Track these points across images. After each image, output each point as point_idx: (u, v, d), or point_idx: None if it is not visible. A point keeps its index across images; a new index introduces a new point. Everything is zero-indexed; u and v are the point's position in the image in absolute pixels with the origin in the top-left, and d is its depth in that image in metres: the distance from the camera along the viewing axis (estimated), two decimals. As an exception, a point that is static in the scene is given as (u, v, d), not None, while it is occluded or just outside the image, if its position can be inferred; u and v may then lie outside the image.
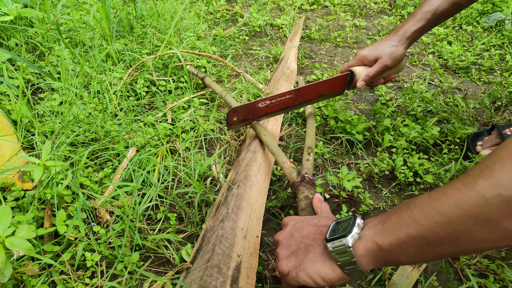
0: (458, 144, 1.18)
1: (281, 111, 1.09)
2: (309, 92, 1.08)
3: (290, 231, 0.66)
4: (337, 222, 0.60)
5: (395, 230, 0.50)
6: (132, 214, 0.83)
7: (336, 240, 0.55)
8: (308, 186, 0.84)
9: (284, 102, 1.06)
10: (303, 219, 0.68)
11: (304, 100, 1.09)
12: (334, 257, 0.55)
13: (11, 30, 1.45)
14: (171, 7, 1.86)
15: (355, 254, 0.53)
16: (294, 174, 0.88)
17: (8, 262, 0.64)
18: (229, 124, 1.03)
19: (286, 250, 0.63)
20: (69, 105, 1.14)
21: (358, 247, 0.53)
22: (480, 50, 1.81)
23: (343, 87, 1.11)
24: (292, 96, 1.05)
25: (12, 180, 0.87)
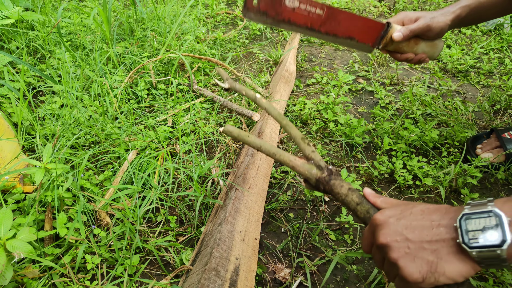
0: (457, 147, 1.19)
1: (305, 29, 0.94)
2: (340, 21, 0.94)
3: (397, 230, 0.55)
4: (467, 217, 0.50)
5: None
6: (133, 217, 0.83)
7: (485, 249, 0.48)
8: (340, 178, 0.72)
9: (311, 18, 0.92)
10: (401, 211, 0.57)
11: (332, 30, 0.95)
12: (478, 261, 0.49)
13: (12, 33, 1.46)
14: (171, 10, 1.87)
15: (507, 258, 0.47)
16: (315, 170, 0.75)
17: (9, 264, 0.64)
18: (246, 8, 0.88)
19: (406, 254, 0.53)
20: (70, 108, 1.15)
21: (510, 251, 0.47)
22: (479, 54, 1.82)
23: (375, 38, 0.98)
24: (323, 14, 0.92)
25: (13, 183, 0.87)
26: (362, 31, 0.97)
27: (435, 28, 0.96)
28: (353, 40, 0.98)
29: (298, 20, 0.92)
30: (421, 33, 0.97)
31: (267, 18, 0.90)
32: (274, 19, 0.91)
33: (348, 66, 1.71)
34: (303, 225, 0.92)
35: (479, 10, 0.99)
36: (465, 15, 0.99)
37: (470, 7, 0.98)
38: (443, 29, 0.97)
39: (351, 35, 0.97)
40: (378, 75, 1.62)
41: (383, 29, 0.97)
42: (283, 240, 0.89)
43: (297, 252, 0.86)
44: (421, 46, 1.00)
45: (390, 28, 0.96)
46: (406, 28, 0.95)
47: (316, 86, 1.53)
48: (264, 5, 0.88)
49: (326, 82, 1.54)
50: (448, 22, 0.97)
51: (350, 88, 1.52)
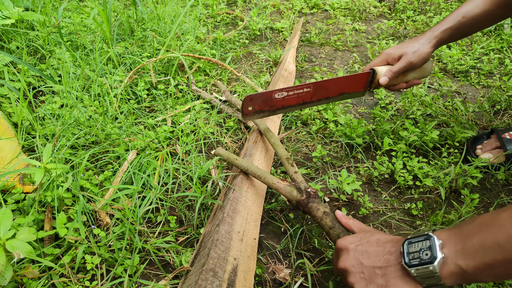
0: (457, 147, 1.19)
1: (298, 105, 1.03)
2: (328, 88, 1.02)
3: (355, 256, 0.63)
4: (410, 242, 0.59)
5: (479, 254, 0.51)
6: (132, 217, 0.83)
7: (420, 266, 0.55)
8: (318, 200, 0.80)
9: (302, 96, 1.01)
10: (360, 239, 0.66)
11: (323, 96, 1.04)
12: (419, 281, 0.56)
13: (13, 33, 1.46)
14: (172, 10, 1.87)
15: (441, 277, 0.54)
16: (295, 193, 0.83)
17: (8, 264, 0.64)
18: (244, 114, 0.98)
19: (361, 278, 0.61)
20: (70, 108, 1.15)
21: (441, 271, 0.54)
22: (479, 54, 1.82)
23: (364, 86, 1.06)
24: (311, 90, 1.00)
25: (13, 183, 0.87)
26: (350, 86, 1.06)
27: (418, 61, 1.01)
28: (345, 94, 1.08)
29: (291, 103, 1.02)
30: (404, 70, 1.02)
31: (264, 113, 1.01)
32: (270, 111, 1.01)
33: (348, 66, 1.71)
34: (303, 226, 0.92)
35: (461, 29, 1.02)
36: (448, 37, 1.02)
37: (452, 29, 1.01)
38: (426, 58, 1.02)
39: (341, 92, 1.07)
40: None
41: (369, 77, 1.05)
42: (283, 240, 0.89)
43: (298, 252, 0.86)
44: (410, 75, 1.06)
45: (376, 74, 1.03)
46: (390, 71, 1.01)
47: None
48: (259, 106, 0.99)
49: (326, 82, 1.54)
50: (430, 50, 1.01)
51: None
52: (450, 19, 1.01)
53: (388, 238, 0.64)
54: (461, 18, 1.00)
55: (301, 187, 0.83)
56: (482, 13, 0.99)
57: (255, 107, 0.98)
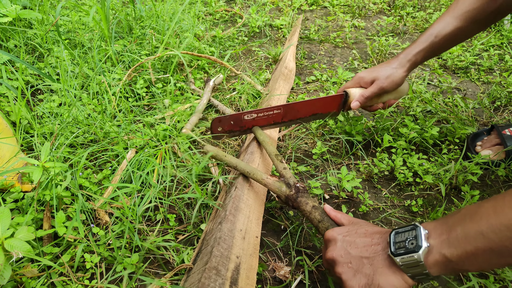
0: (457, 144, 1.18)
1: (269, 125, 1.06)
2: (299, 109, 1.05)
3: (342, 247, 0.64)
4: (396, 232, 0.60)
5: (462, 243, 0.53)
6: (132, 216, 0.83)
7: (406, 255, 0.56)
8: (307, 195, 0.81)
9: (273, 117, 1.04)
10: (348, 231, 0.67)
11: (294, 117, 1.07)
12: (404, 270, 0.57)
13: (10, 31, 1.45)
14: (170, 8, 1.86)
15: (426, 266, 0.55)
16: (284, 188, 0.83)
17: (7, 264, 0.64)
18: (214, 134, 1.02)
19: (348, 268, 0.62)
20: (69, 106, 1.14)
21: (426, 260, 0.55)
22: (479, 50, 1.81)
23: (338, 107, 1.09)
24: (281, 111, 1.03)
25: (11, 182, 0.87)
26: (323, 107, 1.08)
27: (391, 86, 1.02)
28: (317, 115, 1.10)
29: (261, 123, 1.05)
30: (377, 94, 1.03)
31: (234, 133, 1.05)
32: (240, 131, 1.05)
33: (348, 63, 1.70)
34: (303, 223, 0.92)
35: (434, 49, 1.02)
36: (421, 59, 1.03)
37: (425, 50, 1.01)
38: (399, 83, 1.03)
39: (314, 113, 1.09)
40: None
41: (342, 99, 1.06)
42: (283, 238, 0.89)
43: (297, 250, 0.86)
44: (386, 97, 1.07)
45: (349, 97, 1.05)
46: (361, 96, 1.03)
47: (315, 83, 1.52)
48: (228, 127, 1.02)
49: (325, 79, 1.53)
50: (403, 74, 1.02)
51: (349, 85, 1.51)
52: (422, 40, 1.01)
53: (376, 229, 0.65)
54: (434, 38, 1.00)
55: (290, 182, 0.83)
56: (454, 31, 0.99)
57: (224, 128, 1.02)
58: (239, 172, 0.93)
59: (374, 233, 0.64)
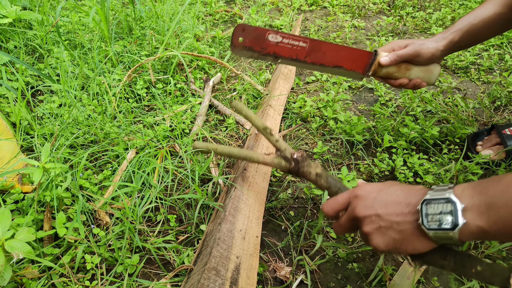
0: (458, 144, 1.18)
1: (290, 60, 0.98)
2: (325, 52, 0.96)
3: (373, 206, 0.62)
4: (428, 202, 0.57)
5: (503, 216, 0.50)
6: (132, 216, 0.83)
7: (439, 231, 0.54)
8: (307, 163, 0.79)
9: (296, 51, 0.96)
10: (378, 190, 0.64)
11: (317, 60, 0.98)
12: (434, 240, 0.56)
13: (10, 32, 1.45)
14: (170, 8, 1.86)
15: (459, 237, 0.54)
16: (283, 163, 0.81)
17: (7, 265, 0.64)
18: (233, 45, 0.94)
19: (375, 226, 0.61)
20: (69, 107, 1.14)
21: (462, 232, 0.53)
22: (479, 50, 1.81)
23: (364, 67, 1.00)
24: (307, 46, 0.95)
25: (12, 183, 0.87)
26: (349, 60, 0.99)
27: (425, 53, 0.97)
28: (341, 68, 1.01)
29: (283, 53, 0.96)
30: (409, 58, 0.98)
31: (253, 53, 0.96)
32: (260, 53, 0.96)
33: (348, 63, 1.70)
34: (304, 223, 0.92)
35: (473, 32, 0.99)
36: (458, 39, 0.99)
37: (462, 30, 0.99)
38: (434, 54, 0.98)
39: (338, 64, 1.00)
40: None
41: (371, 57, 0.98)
42: (284, 238, 0.89)
43: (298, 250, 0.86)
44: (414, 71, 1.00)
45: (378, 55, 0.98)
46: (394, 53, 0.97)
47: (315, 83, 1.52)
48: (249, 42, 0.94)
49: (325, 79, 1.53)
50: (440, 47, 0.98)
51: (349, 85, 1.51)
52: (460, 22, 1.00)
53: (407, 192, 0.62)
54: (472, 20, 0.98)
55: (287, 155, 0.81)
56: (493, 16, 0.97)
57: (245, 41, 0.93)
58: (242, 169, 0.93)
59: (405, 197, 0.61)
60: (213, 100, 1.31)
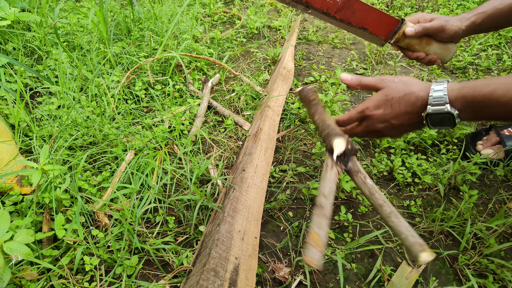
0: (456, 144, 1.19)
1: (320, 13, 1.00)
2: (355, 11, 1.00)
3: (386, 120, 0.79)
4: (429, 114, 0.73)
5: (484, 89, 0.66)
6: (131, 218, 0.83)
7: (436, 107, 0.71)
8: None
9: (328, 3, 0.98)
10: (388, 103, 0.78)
11: (346, 18, 1.01)
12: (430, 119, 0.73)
13: (9, 34, 1.45)
14: (168, 10, 1.86)
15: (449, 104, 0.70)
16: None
17: (6, 266, 0.64)
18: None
19: (391, 130, 0.80)
20: (67, 109, 1.14)
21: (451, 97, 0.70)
22: (477, 50, 1.82)
23: (387, 33, 1.02)
24: (339, 1, 0.98)
25: (10, 185, 0.87)
26: (376, 23, 1.01)
27: (449, 30, 0.98)
28: (366, 31, 1.02)
29: (315, 3, 0.98)
30: (434, 32, 0.99)
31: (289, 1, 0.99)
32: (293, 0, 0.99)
33: (346, 64, 1.71)
34: (303, 224, 0.92)
35: (496, 16, 0.99)
36: (481, 21, 1.00)
37: (486, 13, 0.99)
38: (456, 32, 0.99)
39: (365, 26, 1.02)
40: (376, 73, 1.61)
41: (397, 25, 1.00)
42: (283, 239, 0.89)
43: (297, 251, 0.86)
44: (433, 47, 1.02)
45: (404, 24, 0.99)
46: (420, 25, 0.98)
47: (314, 84, 1.52)
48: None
49: (324, 80, 1.54)
50: (462, 27, 0.99)
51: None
52: (486, 4, 1.00)
53: (414, 100, 0.75)
54: (498, 5, 0.98)
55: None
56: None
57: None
58: (241, 170, 0.93)
59: (409, 100, 0.76)
60: (211, 101, 1.32)
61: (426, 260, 0.59)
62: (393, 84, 0.79)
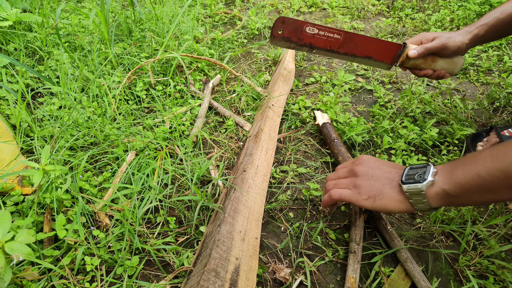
0: (456, 145, 1.18)
1: (325, 51, 1.06)
2: (357, 43, 1.04)
3: (370, 165, 0.78)
4: (411, 167, 0.72)
5: (461, 181, 0.63)
6: (132, 218, 0.83)
7: (411, 184, 0.68)
8: None
9: (330, 42, 1.04)
10: (380, 159, 0.80)
11: (350, 51, 1.06)
12: (408, 196, 0.69)
13: (11, 34, 1.46)
14: (170, 10, 1.86)
15: (427, 196, 0.67)
16: None
17: (7, 267, 0.64)
18: (272, 36, 1.03)
19: (366, 179, 0.76)
20: (69, 109, 1.15)
21: (429, 191, 0.67)
22: (478, 51, 1.82)
23: (392, 57, 1.07)
24: (340, 38, 1.03)
25: (12, 185, 0.87)
26: (379, 51, 1.06)
27: (451, 46, 1.01)
28: (371, 59, 1.08)
29: (318, 44, 1.05)
30: (436, 51, 1.01)
31: (291, 43, 1.05)
32: (297, 44, 1.05)
33: (347, 64, 1.71)
34: (303, 225, 0.92)
35: (499, 26, 1.01)
36: (484, 33, 1.01)
37: (488, 25, 1.01)
38: (460, 47, 1.01)
39: (369, 55, 1.07)
40: (377, 74, 1.62)
41: (400, 49, 1.04)
42: (283, 239, 0.89)
43: (298, 252, 0.86)
44: (439, 63, 1.05)
45: (406, 48, 1.02)
46: (422, 47, 1.01)
47: (315, 85, 1.53)
48: (288, 33, 1.03)
49: (325, 81, 1.54)
50: (465, 41, 1.00)
51: (349, 87, 1.52)
52: (487, 16, 1.01)
53: (399, 165, 0.77)
54: (499, 15, 0.99)
55: None
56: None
57: (284, 32, 1.02)
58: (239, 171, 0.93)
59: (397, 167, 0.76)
60: (212, 102, 1.32)
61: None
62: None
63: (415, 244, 0.89)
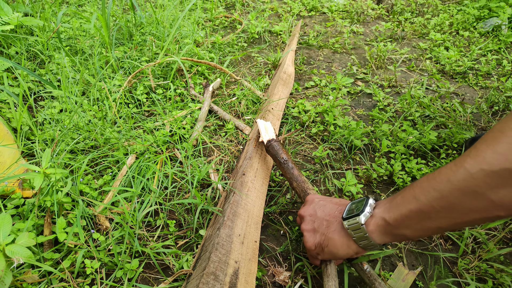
0: (455, 148, 1.19)
1: None
2: None
3: (314, 208, 0.74)
4: (352, 202, 0.69)
5: (399, 207, 0.59)
6: (132, 221, 0.83)
7: (351, 218, 0.64)
8: None
9: None
10: (326, 198, 0.76)
11: None
12: (350, 233, 0.65)
13: (12, 38, 1.47)
14: (170, 14, 1.87)
15: (367, 230, 0.62)
16: None
17: (8, 269, 0.64)
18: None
19: (310, 226, 0.72)
20: (69, 112, 1.15)
21: (369, 224, 0.63)
22: (477, 55, 1.82)
23: None
24: None
25: (12, 188, 0.87)
26: None
27: None
28: None
29: None
30: None
31: None
32: None
33: (347, 68, 1.72)
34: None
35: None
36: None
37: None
38: None
39: None
40: (376, 78, 1.62)
41: None
42: (283, 243, 0.89)
43: (297, 255, 0.86)
44: None
45: None
46: None
47: (314, 89, 1.53)
48: None
49: (324, 84, 1.54)
50: None
51: (348, 90, 1.52)
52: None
53: (346, 202, 0.73)
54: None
55: None
56: None
57: None
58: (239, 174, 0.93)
59: (342, 204, 0.72)
60: (212, 105, 1.32)
61: None
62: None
63: (414, 247, 0.89)
